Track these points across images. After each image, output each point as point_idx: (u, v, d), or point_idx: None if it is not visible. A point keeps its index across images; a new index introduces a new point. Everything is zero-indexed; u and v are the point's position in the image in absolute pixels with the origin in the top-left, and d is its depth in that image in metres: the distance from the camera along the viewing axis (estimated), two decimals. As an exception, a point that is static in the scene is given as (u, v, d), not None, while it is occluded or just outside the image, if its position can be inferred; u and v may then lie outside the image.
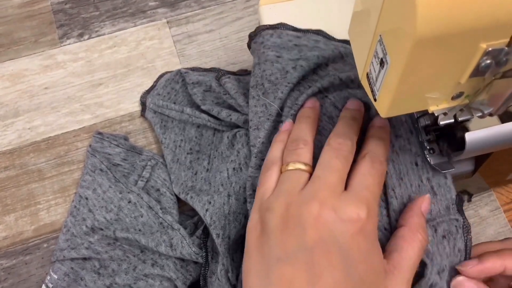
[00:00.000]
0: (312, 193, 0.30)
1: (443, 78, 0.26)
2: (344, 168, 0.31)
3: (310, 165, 0.33)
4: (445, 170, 0.36)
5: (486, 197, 0.53)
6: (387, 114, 0.28)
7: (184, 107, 0.50)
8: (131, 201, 0.47)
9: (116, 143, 0.51)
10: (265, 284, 0.28)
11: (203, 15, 0.62)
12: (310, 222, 0.28)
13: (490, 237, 0.52)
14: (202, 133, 0.50)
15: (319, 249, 0.28)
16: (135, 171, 0.50)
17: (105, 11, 0.62)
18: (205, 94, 0.49)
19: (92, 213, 0.47)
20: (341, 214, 0.28)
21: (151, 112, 0.53)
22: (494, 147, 0.33)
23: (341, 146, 0.32)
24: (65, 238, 0.47)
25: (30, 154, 0.54)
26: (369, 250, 0.29)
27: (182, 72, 0.53)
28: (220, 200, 0.41)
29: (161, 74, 0.57)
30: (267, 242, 0.29)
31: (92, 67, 0.59)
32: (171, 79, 0.54)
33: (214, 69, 0.56)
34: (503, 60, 0.25)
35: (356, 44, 0.31)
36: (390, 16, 0.25)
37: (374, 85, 0.29)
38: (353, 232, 0.28)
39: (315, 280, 0.27)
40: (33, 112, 0.56)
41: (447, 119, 0.29)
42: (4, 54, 0.59)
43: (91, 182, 0.49)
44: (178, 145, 0.49)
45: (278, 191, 0.31)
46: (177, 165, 0.49)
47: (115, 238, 0.45)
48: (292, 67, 0.39)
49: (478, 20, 0.22)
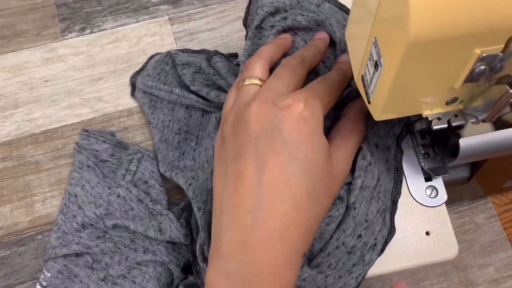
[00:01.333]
0: (256, 96, 0.32)
1: (437, 83, 0.26)
2: (289, 76, 0.34)
3: (264, 80, 0.35)
4: (440, 175, 0.36)
5: (482, 204, 0.53)
6: (380, 116, 0.28)
7: (173, 88, 0.50)
8: (120, 195, 0.47)
9: (103, 139, 0.51)
10: (224, 183, 0.31)
11: (205, 13, 0.62)
12: (253, 118, 0.31)
13: (485, 244, 0.52)
14: (191, 114, 0.50)
15: (262, 139, 0.30)
16: (122, 165, 0.50)
17: (108, 6, 0.62)
18: (194, 75, 0.50)
19: (82, 209, 0.47)
20: (279, 103, 0.31)
21: (141, 92, 0.53)
22: (488, 154, 0.33)
23: (289, 61, 0.35)
24: (57, 236, 0.47)
25: (28, 146, 0.54)
26: (310, 132, 0.30)
27: (172, 53, 0.53)
28: (203, 175, 0.41)
29: (152, 55, 0.57)
30: (224, 148, 0.32)
31: (92, 61, 0.59)
32: (161, 60, 0.54)
33: (204, 51, 0.56)
34: (498, 67, 0.25)
35: (352, 46, 0.31)
36: (384, 19, 0.25)
37: (368, 87, 0.29)
38: (292, 118, 0.30)
39: (262, 167, 0.29)
40: (32, 104, 0.56)
41: (440, 123, 0.29)
42: (6, 46, 0.59)
43: (79, 179, 0.49)
44: (167, 125, 0.50)
45: (233, 104, 0.34)
46: (165, 145, 0.49)
47: (104, 230, 0.45)
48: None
49: (472, 26, 0.22)
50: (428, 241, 0.37)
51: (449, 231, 0.38)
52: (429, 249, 0.37)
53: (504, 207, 0.53)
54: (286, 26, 0.39)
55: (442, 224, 0.38)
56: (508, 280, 0.51)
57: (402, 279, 0.50)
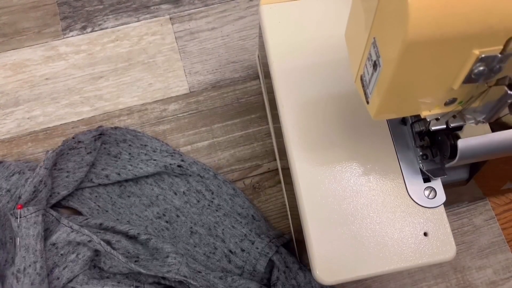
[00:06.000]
0: None
1: (436, 83, 0.26)
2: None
3: None
4: (438, 176, 0.36)
5: (481, 206, 0.53)
6: (378, 116, 0.28)
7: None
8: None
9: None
10: None
11: (206, 13, 0.62)
12: None
13: (483, 246, 0.51)
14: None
15: None
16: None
17: (109, 5, 0.62)
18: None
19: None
20: None
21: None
22: (487, 156, 0.33)
23: None
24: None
25: (28, 144, 0.54)
26: None
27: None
28: None
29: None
30: None
31: (93, 60, 0.59)
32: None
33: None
34: (497, 68, 0.25)
35: (352, 46, 0.31)
36: (383, 19, 0.25)
37: (367, 87, 0.29)
38: None
39: None
40: (33, 102, 0.57)
41: (439, 124, 0.29)
42: (7, 43, 0.60)
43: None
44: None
45: None
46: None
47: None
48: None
49: (471, 26, 0.22)
50: (426, 242, 0.37)
51: (447, 232, 0.38)
52: (427, 250, 0.37)
53: (504, 207, 0.53)
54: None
55: (441, 225, 0.38)
56: (506, 282, 0.51)
57: (400, 280, 0.50)
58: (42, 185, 0.46)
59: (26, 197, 0.45)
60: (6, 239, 0.46)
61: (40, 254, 0.44)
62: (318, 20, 0.44)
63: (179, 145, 0.55)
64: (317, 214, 0.37)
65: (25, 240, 0.43)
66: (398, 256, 0.37)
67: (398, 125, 0.39)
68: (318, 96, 0.41)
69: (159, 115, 0.56)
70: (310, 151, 0.39)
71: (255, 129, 0.56)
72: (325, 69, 0.42)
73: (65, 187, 0.49)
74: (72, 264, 0.45)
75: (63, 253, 0.45)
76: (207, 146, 0.55)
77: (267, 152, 0.55)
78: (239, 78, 0.58)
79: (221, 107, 0.57)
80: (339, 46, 0.42)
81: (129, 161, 0.51)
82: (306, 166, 0.38)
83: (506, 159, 0.36)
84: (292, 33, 0.43)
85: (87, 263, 0.45)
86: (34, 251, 0.43)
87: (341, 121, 0.40)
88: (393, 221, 0.37)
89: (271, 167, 0.55)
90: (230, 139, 0.56)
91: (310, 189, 0.38)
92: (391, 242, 0.37)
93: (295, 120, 0.40)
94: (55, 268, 0.45)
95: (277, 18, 0.43)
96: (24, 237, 0.43)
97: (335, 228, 0.37)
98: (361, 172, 0.38)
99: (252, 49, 0.60)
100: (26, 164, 0.50)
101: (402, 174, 0.38)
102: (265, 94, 0.56)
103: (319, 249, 0.36)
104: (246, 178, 0.54)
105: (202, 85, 0.58)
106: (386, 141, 0.39)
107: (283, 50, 0.42)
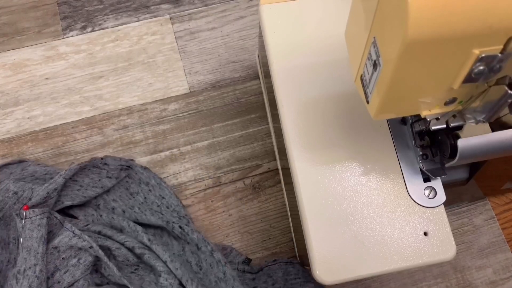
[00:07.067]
0: None
1: (436, 83, 0.26)
2: None
3: None
4: (438, 176, 0.36)
5: (481, 206, 0.53)
6: (379, 116, 0.28)
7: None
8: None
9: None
10: None
11: (206, 13, 0.62)
12: None
13: (483, 246, 0.51)
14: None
15: None
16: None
17: (109, 5, 0.62)
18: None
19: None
20: None
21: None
22: (487, 155, 0.33)
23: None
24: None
25: (28, 144, 0.54)
26: None
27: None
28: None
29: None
30: None
31: (93, 59, 0.59)
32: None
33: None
34: (497, 67, 0.25)
35: (351, 46, 0.31)
36: (383, 19, 0.25)
37: (367, 87, 0.29)
38: None
39: None
40: (33, 101, 0.57)
41: (439, 124, 0.29)
42: (7, 43, 0.60)
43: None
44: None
45: None
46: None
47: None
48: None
49: (470, 26, 0.22)
50: (426, 241, 0.37)
51: (447, 232, 0.38)
52: (427, 250, 0.37)
53: (504, 207, 0.53)
54: None
55: (441, 225, 0.38)
56: (506, 282, 0.51)
57: (400, 280, 0.50)
58: (55, 193, 0.47)
59: (36, 200, 0.45)
60: (10, 239, 0.46)
61: (41, 257, 0.43)
62: (318, 19, 0.44)
63: (179, 145, 0.55)
64: (317, 214, 0.37)
65: (28, 242, 0.43)
66: (398, 256, 0.37)
67: (398, 124, 0.39)
68: (318, 96, 0.41)
69: (159, 115, 0.56)
70: (310, 151, 0.39)
71: (255, 129, 0.56)
72: (325, 68, 0.42)
73: (71, 198, 0.48)
74: (74, 269, 0.45)
75: (65, 257, 0.45)
76: (207, 146, 0.55)
77: (267, 152, 0.55)
78: (239, 78, 0.58)
79: (221, 107, 0.57)
80: (339, 46, 0.42)
81: (141, 204, 0.51)
82: (306, 166, 0.38)
83: (506, 159, 0.36)
84: (292, 33, 0.43)
85: (88, 268, 0.45)
86: (35, 253, 0.43)
87: (341, 121, 0.40)
88: (393, 221, 0.37)
89: (271, 167, 0.55)
90: (230, 139, 0.56)
91: (310, 189, 0.38)
92: (391, 242, 0.37)
93: (295, 120, 0.40)
94: (56, 272, 0.44)
95: (277, 18, 0.43)
96: (27, 238, 0.43)
97: (335, 228, 0.37)
98: (361, 172, 0.38)
99: (252, 49, 0.60)
100: (44, 168, 0.50)
101: (402, 173, 0.38)
102: (265, 94, 0.56)
103: (319, 249, 0.36)
104: (246, 178, 0.54)
105: (202, 85, 0.58)
106: (386, 140, 0.39)
107: (283, 49, 0.42)
